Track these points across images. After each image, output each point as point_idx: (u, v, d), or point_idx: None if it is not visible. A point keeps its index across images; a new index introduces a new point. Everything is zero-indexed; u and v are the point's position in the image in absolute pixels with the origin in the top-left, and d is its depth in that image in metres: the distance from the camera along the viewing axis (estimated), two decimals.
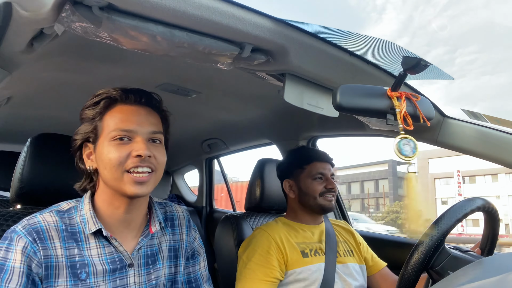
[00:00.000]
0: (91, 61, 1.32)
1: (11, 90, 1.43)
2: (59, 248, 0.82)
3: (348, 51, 1.04)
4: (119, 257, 0.88)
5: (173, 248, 1.01)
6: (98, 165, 0.87)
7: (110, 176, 0.84)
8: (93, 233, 0.86)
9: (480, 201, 0.98)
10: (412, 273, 0.92)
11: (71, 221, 0.87)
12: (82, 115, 0.91)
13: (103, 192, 0.89)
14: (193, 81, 1.53)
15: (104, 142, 0.86)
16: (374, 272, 1.49)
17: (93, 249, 0.86)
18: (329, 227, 1.50)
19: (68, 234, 0.85)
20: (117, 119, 0.86)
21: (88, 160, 0.90)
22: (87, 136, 0.88)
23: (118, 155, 0.83)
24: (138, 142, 0.85)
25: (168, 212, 1.05)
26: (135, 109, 0.89)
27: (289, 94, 1.07)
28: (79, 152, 0.91)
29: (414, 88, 1.17)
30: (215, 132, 2.45)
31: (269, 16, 0.88)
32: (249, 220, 1.66)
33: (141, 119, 0.88)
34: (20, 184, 1.08)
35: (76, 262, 0.83)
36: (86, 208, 0.88)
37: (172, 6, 0.74)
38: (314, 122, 1.90)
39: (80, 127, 0.91)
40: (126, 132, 0.85)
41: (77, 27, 0.77)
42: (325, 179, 1.44)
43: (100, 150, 0.86)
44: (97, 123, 0.87)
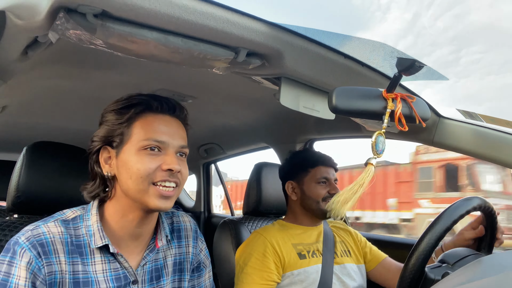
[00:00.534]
0: (86, 68, 1.32)
1: (6, 99, 1.43)
2: (64, 264, 0.78)
3: (343, 54, 1.04)
4: (124, 273, 0.84)
5: (178, 262, 0.96)
6: (120, 172, 0.82)
7: (135, 187, 0.80)
8: (99, 248, 0.82)
9: (477, 201, 0.98)
10: (411, 273, 0.92)
11: (76, 231, 0.82)
12: (105, 117, 0.86)
13: (118, 202, 0.85)
14: (188, 86, 1.53)
15: (131, 149, 0.81)
16: (375, 265, 1.48)
17: (98, 265, 0.82)
18: (326, 228, 1.50)
19: (73, 247, 0.80)
20: (149, 127, 0.82)
21: (105, 165, 0.85)
22: (111, 141, 0.83)
23: (148, 166, 0.79)
24: (169, 155, 0.82)
25: (175, 222, 1.00)
26: (167, 120, 0.86)
27: (285, 98, 1.07)
28: (96, 155, 0.86)
29: (409, 89, 1.17)
30: (211, 137, 2.45)
31: (264, 20, 0.88)
32: (247, 224, 1.65)
33: (173, 131, 0.85)
34: (16, 193, 1.08)
35: (79, 279, 0.79)
36: (93, 220, 0.84)
37: (166, 12, 0.74)
38: (311, 125, 1.90)
39: (100, 129, 0.86)
40: (158, 143, 0.82)
41: (71, 35, 0.77)
42: (329, 184, 1.43)
43: (125, 157, 0.81)
44: (124, 128, 0.83)
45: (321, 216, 1.43)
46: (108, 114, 0.85)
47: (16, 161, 1.12)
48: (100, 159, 0.85)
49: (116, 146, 0.83)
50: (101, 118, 0.87)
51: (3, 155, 2.65)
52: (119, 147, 0.83)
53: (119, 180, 0.83)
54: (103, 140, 0.84)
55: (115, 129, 0.83)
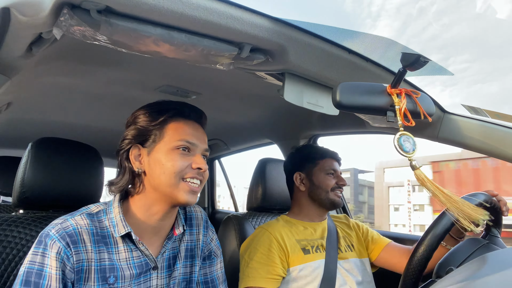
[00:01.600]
0: (90, 64, 1.32)
1: (11, 96, 1.44)
2: (90, 252, 0.85)
3: (347, 49, 1.04)
4: (145, 261, 0.91)
5: (189, 248, 1.03)
6: (152, 169, 0.90)
7: (167, 181, 0.89)
8: (122, 237, 0.89)
9: (482, 196, 0.98)
10: (417, 267, 0.92)
11: (100, 224, 0.90)
12: (138, 118, 0.94)
13: (145, 196, 0.92)
14: (192, 83, 1.53)
15: (164, 148, 0.91)
16: (378, 252, 1.49)
17: (121, 253, 0.89)
18: (330, 223, 1.50)
19: (98, 237, 0.87)
20: (182, 130, 0.93)
21: (136, 162, 0.93)
22: (143, 140, 0.93)
23: (181, 163, 0.89)
24: (197, 156, 0.93)
25: (187, 212, 1.08)
26: (196, 126, 0.98)
27: (289, 93, 1.07)
28: (126, 152, 0.94)
29: (414, 85, 1.16)
30: (215, 133, 2.45)
31: (267, 16, 0.88)
32: (251, 220, 1.66)
33: (200, 135, 0.97)
34: (22, 189, 1.09)
35: (106, 266, 0.86)
36: (115, 212, 0.91)
37: (170, 8, 0.74)
38: (315, 121, 1.90)
39: (130, 129, 0.94)
40: (189, 144, 0.92)
41: (75, 31, 0.77)
42: (337, 175, 1.47)
43: (158, 155, 0.90)
44: (157, 130, 0.92)
45: (329, 206, 1.44)
46: (141, 116, 0.94)
47: (21, 157, 1.13)
48: (130, 156, 0.93)
49: (148, 145, 0.92)
50: (133, 119, 0.95)
51: (9, 151, 2.67)
52: (151, 146, 0.92)
53: (150, 176, 0.91)
54: (135, 139, 0.93)
55: (148, 130, 0.92)
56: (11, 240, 1.05)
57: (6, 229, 1.06)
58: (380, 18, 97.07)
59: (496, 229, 1.07)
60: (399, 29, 69.65)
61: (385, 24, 71.89)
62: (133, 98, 1.69)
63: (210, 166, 3.15)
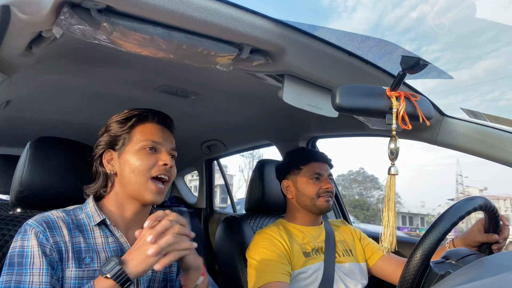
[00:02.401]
0: (90, 64, 1.32)
1: (10, 94, 1.43)
2: (67, 236, 0.90)
3: (347, 51, 1.04)
4: (120, 247, 0.97)
5: None
6: (123, 169, 0.98)
7: (136, 180, 0.96)
8: (98, 225, 0.96)
9: (480, 200, 0.98)
10: (413, 273, 0.92)
11: (77, 217, 0.97)
12: (109, 127, 1.03)
13: (116, 194, 1.00)
14: (192, 83, 1.53)
15: (132, 150, 0.99)
16: (375, 260, 1.49)
17: (97, 239, 0.95)
18: (328, 228, 1.50)
19: (74, 226, 0.94)
20: (147, 132, 1.01)
21: (108, 165, 1.01)
22: (114, 144, 1.01)
23: (147, 162, 0.97)
24: (163, 154, 1.00)
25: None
26: (161, 128, 1.05)
27: (288, 95, 1.07)
28: (100, 158, 1.02)
29: (413, 88, 1.17)
30: (214, 133, 2.45)
31: (268, 17, 0.88)
32: (249, 221, 1.66)
33: (166, 136, 1.04)
34: (20, 188, 1.08)
35: (81, 248, 0.91)
36: (90, 205, 0.99)
37: (171, 8, 0.74)
38: (314, 123, 1.90)
39: (104, 137, 1.03)
40: (155, 144, 1.00)
41: (75, 30, 0.77)
42: (322, 179, 1.44)
43: (127, 156, 0.99)
44: (126, 134, 1.01)
45: (317, 212, 1.44)
46: (112, 124, 1.03)
47: (19, 156, 1.13)
48: (103, 160, 1.02)
49: (118, 149, 1.01)
50: (105, 128, 1.05)
51: (7, 150, 2.66)
52: (121, 149, 1.01)
53: (121, 176, 0.99)
54: (107, 144, 1.02)
55: (118, 135, 1.01)
56: (8, 239, 1.04)
57: (4, 228, 1.06)
58: (356, 12, 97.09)
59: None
60: (375, 21, 69.84)
61: (361, 17, 71.82)
62: (132, 97, 1.69)
63: (209, 167, 3.15)
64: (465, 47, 70.33)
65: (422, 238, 0.93)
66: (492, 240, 1.08)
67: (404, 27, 17.04)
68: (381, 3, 34.79)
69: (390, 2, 27.91)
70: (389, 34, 17.41)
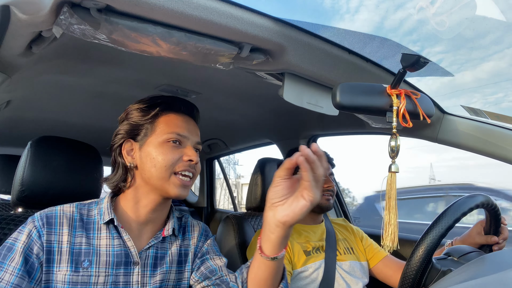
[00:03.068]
0: (90, 63, 1.32)
1: (10, 94, 1.43)
2: (66, 235, 0.86)
3: (347, 49, 1.04)
4: (125, 251, 0.90)
5: (183, 253, 1.01)
6: (144, 162, 0.91)
7: (158, 175, 0.89)
8: (106, 223, 0.90)
9: (481, 198, 0.98)
10: (414, 270, 0.92)
11: (90, 212, 0.92)
12: (130, 114, 0.95)
13: (136, 189, 0.93)
14: (192, 82, 1.53)
15: (155, 142, 0.91)
16: (376, 262, 1.49)
17: (102, 239, 0.89)
18: (329, 226, 1.50)
19: (80, 223, 0.89)
20: (172, 123, 0.93)
21: (128, 157, 0.94)
22: (135, 134, 0.94)
23: (172, 156, 0.90)
24: (189, 148, 0.93)
25: (183, 222, 1.07)
26: (187, 119, 0.97)
27: (288, 93, 1.07)
28: (119, 148, 0.95)
29: (413, 86, 1.16)
30: (215, 132, 2.45)
31: (268, 16, 0.88)
32: (250, 220, 1.66)
33: (191, 128, 0.97)
34: (21, 188, 1.08)
35: (81, 250, 0.86)
36: (105, 200, 0.93)
37: (170, 7, 0.74)
38: (314, 121, 1.90)
39: (123, 125, 0.96)
40: (180, 137, 0.93)
41: (75, 30, 0.77)
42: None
43: (149, 149, 0.91)
44: (148, 124, 0.93)
45: (317, 210, 1.44)
46: (133, 112, 0.95)
47: (20, 156, 1.13)
48: (123, 151, 0.95)
49: (139, 139, 0.93)
50: (125, 115, 0.97)
51: (8, 150, 2.67)
52: (143, 140, 0.93)
53: (142, 169, 0.92)
54: (127, 133, 0.94)
55: (140, 124, 0.94)
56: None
57: (5, 228, 1.06)
58: (359, 13, 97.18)
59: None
60: (378, 22, 70.06)
61: (364, 18, 72.16)
62: (132, 97, 1.69)
63: (209, 166, 3.15)
64: (468, 49, 70.46)
65: (424, 234, 0.93)
66: (492, 242, 1.09)
67: (406, 29, 16.82)
68: (384, 4, 34.62)
69: (392, 4, 27.63)
70: (392, 36, 17.53)
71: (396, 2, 4.50)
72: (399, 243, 0.81)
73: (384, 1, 14.47)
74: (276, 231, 0.75)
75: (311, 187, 0.71)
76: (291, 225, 0.75)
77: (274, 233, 0.76)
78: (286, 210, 0.73)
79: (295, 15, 1.17)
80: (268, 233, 0.77)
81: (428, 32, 0.97)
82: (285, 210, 0.73)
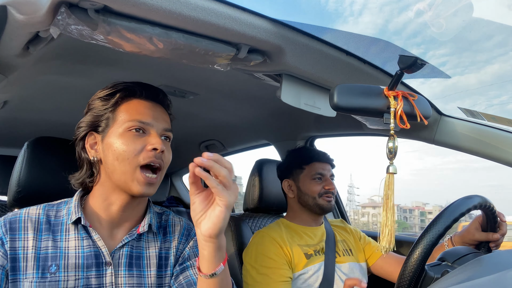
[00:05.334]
0: (87, 64, 1.32)
1: (7, 94, 1.43)
2: (31, 240, 0.81)
3: (345, 51, 1.04)
4: (96, 251, 0.84)
5: (163, 256, 0.94)
6: (106, 155, 0.85)
7: (121, 168, 0.82)
8: (75, 223, 0.85)
9: (478, 199, 0.98)
10: (412, 270, 0.92)
11: (58, 213, 0.87)
12: (91, 105, 0.90)
13: (102, 186, 0.88)
14: (190, 83, 1.53)
15: (116, 132, 0.84)
16: (375, 259, 1.49)
17: (71, 241, 0.84)
18: (328, 227, 1.50)
19: (46, 226, 0.84)
20: (134, 111, 0.86)
21: (91, 150, 0.88)
22: (96, 125, 0.87)
23: (134, 147, 0.83)
24: (153, 136, 0.85)
25: (163, 220, 1.00)
26: (151, 105, 0.90)
27: (286, 95, 1.07)
28: (82, 141, 0.90)
29: (411, 87, 1.17)
30: (212, 133, 2.45)
31: (265, 17, 0.88)
32: (248, 221, 1.66)
33: (157, 115, 0.89)
34: (17, 188, 1.08)
35: (48, 255, 0.81)
36: (73, 200, 0.88)
37: (168, 8, 0.74)
38: (312, 122, 1.90)
39: (86, 117, 0.90)
40: (143, 124, 0.85)
41: (72, 30, 0.77)
42: (324, 179, 1.44)
43: (110, 140, 0.84)
44: (109, 113, 0.87)
45: (319, 212, 1.43)
46: (94, 102, 0.90)
47: (17, 156, 1.12)
48: (86, 145, 0.89)
49: (101, 131, 0.87)
50: (87, 107, 0.92)
51: (4, 150, 2.65)
52: (104, 131, 0.87)
53: (105, 163, 0.85)
54: (89, 125, 0.88)
55: (101, 115, 0.87)
56: None
57: None
58: (362, 16, 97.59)
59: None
60: (381, 25, 70.03)
61: (368, 21, 72.21)
62: None
63: None
64: (472, 52, 70.81)
65: (419, 238, 0.93)
66: (491, 239, 1.09)
67: (410, 31, 16.99)
68: (387, 7, 34.86)
69: (396, 7, 27.88)
70: (395, 39, 17.35)
71: (400, 4, 4.52)
72: (397, 244, 0.81)
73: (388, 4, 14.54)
74: (207, 246, 0.74)
75: (220, 191, 0.70)
76: (217, 235, 0.73)
77: (205, 249, 0.74)
78: (207, 222, 0.72)
79: (298, 18, 1.18)
80: (201, 250, 0.75)
81: (432, 35, 0.97)
82: (207, 222, 0.72)
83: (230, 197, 0.71)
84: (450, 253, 1.00)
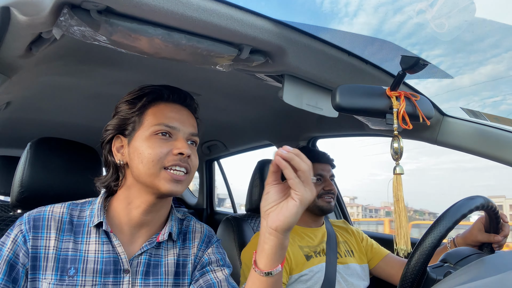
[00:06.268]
0: (90, 65, 1.32)
1: (10, 95, 1.43)
2: (53, 239, 0.81)
3: (347, 51, 1.04)
4: (115, 258, 0.83)
5: (181, 263, 0.92)
6: (132, 159, 0.84)
7: (146, 171, 0.81)
8: (96, 227, 0.84)
9: (481, 200, 0.97)
10: (414, 272, 0.91)
11: (81, 213, 0.87)
12: (118, 108, 0.90)
13: (128, 189, 0.86)
14: (192, 83, 1.53)
15: (142, 135, 0.84)
16: (377, 261, 1.49)
17: (91, 244, 0.83)
18: (329, 228, 1.50)
19: (69, 226, 0.84)
20: (160, 114, 0.85)
21: (118, 154, 0.87)
22: (123, 129, 0.87)
23: (159, 150, 0.81)
24: (179, 141, 0.84)
25: (184, 226, 0.98)
26: (178, 108, 0.89)
27: (288, 95, 1.07)
28: (109, 145, 0.89)
29: (413, 88, 1.17)
30: (214, 134, 2.45)
31: (267, 17, 0.88)
32: (249, 221, 1.66)
33: (184, 119, 0.88)
34: (20, 189, 1.08)
35: (68, 257, 0.81)
36: (97, 201, 0.87)
37: (170, 9, 0.74)
38: (314, 123, 1.90)
39: (113, 120, 0.89)
40: (169, 129, 0.84)
41: (75, 31, 0.77)
42: (324, 180, 1.43)
43: (137, 144, 0.84)
44: (136, 117, 0.86)
45: (319, 213, 1.43)
46: (121, 105, 0.89)
47: (20, 157, 1.13)
48: (113, 148, 0.88)
49: (128, 134, 0.86)
50: (115, 110, 0.91)
51: (7, 151, 2.67)
52: (131, 134, 0.86)
53: (131, 167, 0.85)
54: (116, 129, 0.88)
55: (128, 118, 0.87)
56: None
57: (4, 229, 1.06)
58: (357, 17, 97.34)
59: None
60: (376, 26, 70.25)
61: (363, 22, 72.73)
62: None
63: (209, 167, 3.15)
64: (466, 52, 71.22)
65: (421, 240, 0.93)
66: (494, 240, 1.08)
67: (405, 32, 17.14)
68: (382, 8, 34.61)
69: (391, 8, 27.79)
70: (390, 40, 17.54)
71: (395, 5, 4.46)
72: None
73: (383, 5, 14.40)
74: (270, 240, 0.71)
75: (297, 184, 0.69)
76: (284, 230, 0.70)
77: (268, 242, 0.71)
78: (277, 214, 0.70)
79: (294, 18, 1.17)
80: (262, 243, 0.72)
81: (427, 35, 0.97)
82: (277, 214, 0.70)
83: (306, 193, 0.69)
84: (452, 254, 0.99)
